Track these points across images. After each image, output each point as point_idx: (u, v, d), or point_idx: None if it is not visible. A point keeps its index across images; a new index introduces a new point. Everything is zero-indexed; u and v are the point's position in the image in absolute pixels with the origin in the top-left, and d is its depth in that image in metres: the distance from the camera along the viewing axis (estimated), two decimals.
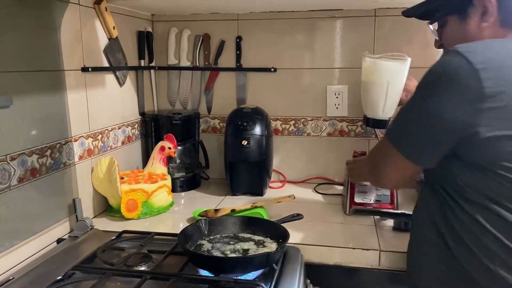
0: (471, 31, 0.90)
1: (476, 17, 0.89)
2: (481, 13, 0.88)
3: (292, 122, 1.73)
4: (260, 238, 1.12)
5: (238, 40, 1.71)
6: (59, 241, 1.20)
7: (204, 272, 0.99)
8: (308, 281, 1.13)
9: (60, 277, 0.96)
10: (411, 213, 1.16)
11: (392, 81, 1.30)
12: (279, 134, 1.74)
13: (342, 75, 1.67)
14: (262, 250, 1.05)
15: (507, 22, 0.88)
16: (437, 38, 1.03)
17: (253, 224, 1.17)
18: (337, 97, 1.68)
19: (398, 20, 1.59)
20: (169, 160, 1.55)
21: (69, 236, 1.22)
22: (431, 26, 1.04)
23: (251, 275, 0.97)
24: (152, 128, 1.66)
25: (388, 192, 1.36)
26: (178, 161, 1.66)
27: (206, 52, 1.74)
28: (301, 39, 1.68)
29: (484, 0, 0.87)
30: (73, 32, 1.26)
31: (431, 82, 0.81)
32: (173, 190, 1.53)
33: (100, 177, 1.35)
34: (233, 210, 1.34)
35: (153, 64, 1.76)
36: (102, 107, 1.42)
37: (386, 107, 1.33)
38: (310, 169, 1.74)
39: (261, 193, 1.58)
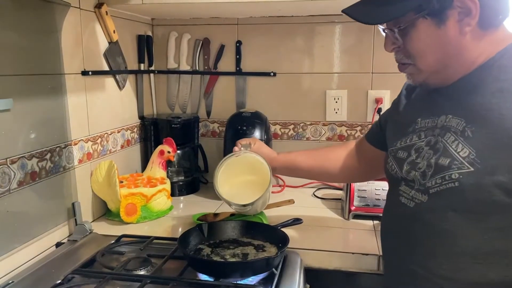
0: (451, 37, 0.80)
1: (455, 20, 0.78)
2: (462, 16, 0.78)
3: (292, 126, 1.74)
4: (260, 242, 1.12)
5: (237, 44, 1.72)
6: (58, 245, 1.20)
7: (203, 277, 0.99)
8: (308, 285, 1.13)
9: (59, 281, 0.96)
10: None
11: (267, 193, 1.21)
12: (279, 138, 1.74)
13: (341, 80, 1.68)
14: (262, 255, 1.06)
15: (486, 23, 0.79)
16: (396, 41, 0.86)
17: (253, 229, 1.17)
18: (336, 102, 1.68)
19: None
20: (168, 164, 1.55)
21: (68, 240, 1.22)
22: (381, 27, 0.88)
23: (251, 280, 0.98)
24: (151, 132, 1.66)
25: None
26: (177, 165, 1.66)
27: (205, 56, 1.75)
28: (300, 43, 1.68)
29: (466, 0, 0.76)
30: (74, 36, 1.26)
31: None
32: (172, 194, 1.53)
33: (100, 181, 1.35)
34: (232, 215, 1.34)
35: (152, 68, 1.76)
36: (101, 110, 1.42)
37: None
38: None
39: None
